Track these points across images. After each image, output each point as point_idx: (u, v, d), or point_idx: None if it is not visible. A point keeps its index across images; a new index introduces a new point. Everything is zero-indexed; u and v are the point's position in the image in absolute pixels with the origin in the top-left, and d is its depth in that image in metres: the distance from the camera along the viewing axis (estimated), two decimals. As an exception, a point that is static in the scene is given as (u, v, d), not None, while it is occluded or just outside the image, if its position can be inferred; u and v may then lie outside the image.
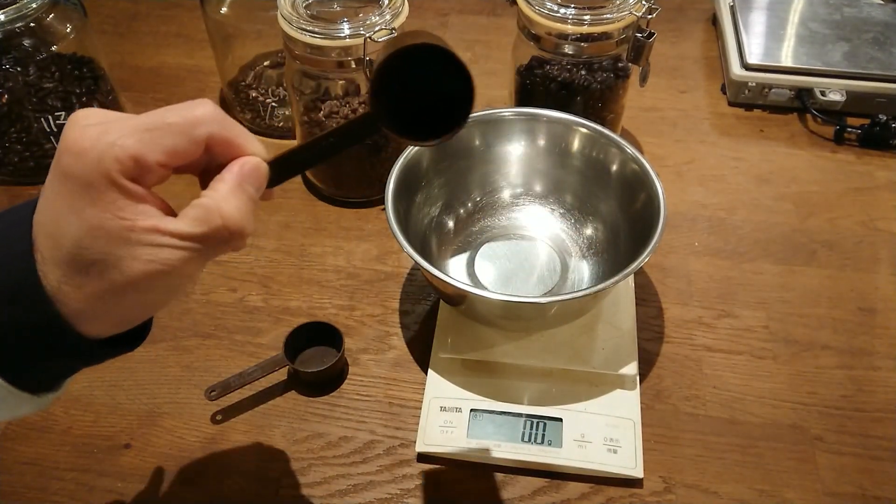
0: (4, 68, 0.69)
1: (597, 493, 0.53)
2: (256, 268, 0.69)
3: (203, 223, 0.31)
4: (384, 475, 0.54)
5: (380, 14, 0.63)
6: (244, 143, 0.33)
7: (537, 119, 0.64)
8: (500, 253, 0.65)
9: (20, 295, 0.31)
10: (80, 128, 0.30)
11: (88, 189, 0.29)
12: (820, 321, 0.64)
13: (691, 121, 0.84)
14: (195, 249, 0.31)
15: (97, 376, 0.60)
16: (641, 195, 0.58)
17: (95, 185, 0.29)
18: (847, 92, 0.81)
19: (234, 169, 0.33)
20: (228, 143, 0.33)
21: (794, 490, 0.53)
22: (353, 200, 0.75)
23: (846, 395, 0.58)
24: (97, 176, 0.29)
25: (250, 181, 0.33)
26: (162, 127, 0.31)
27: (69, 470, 0.55)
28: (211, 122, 0.32)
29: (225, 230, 0.31)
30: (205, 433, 0.57)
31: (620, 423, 0.55)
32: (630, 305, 0.62)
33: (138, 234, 0.30)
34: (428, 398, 0.57)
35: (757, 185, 0.77)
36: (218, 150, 0.33)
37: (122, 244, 0.30)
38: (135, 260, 0.30)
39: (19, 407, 0.34)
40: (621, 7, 0.66)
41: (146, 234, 0.30)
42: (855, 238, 0.71)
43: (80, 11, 0.75)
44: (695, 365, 0.61)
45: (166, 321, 0.64)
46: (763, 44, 0.86)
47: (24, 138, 0.74)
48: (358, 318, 0.64)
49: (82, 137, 0.29)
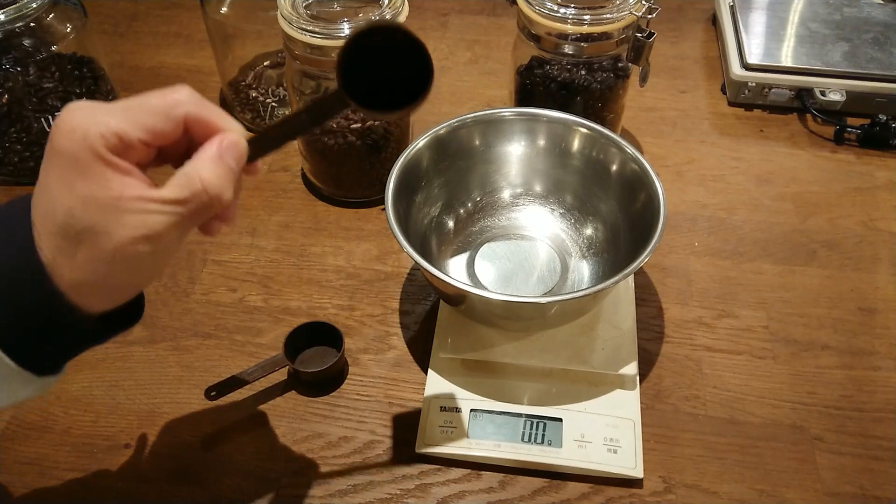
0: (4, 68, 0.69)
1: (597, 494, 0.53)
2: (256, 268, 0.69)
3: (184, 188, 0.34)
4: (384, 475, 0.54)
5: (380, 14, 0.63)
6: (221, 123, 0.36)
7: (537, 119, 0.64)
8: (500, 253, 0.65)
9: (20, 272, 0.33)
10: (69, 111, 0.33)
11: (77, 163, 0.32)
12: (820, 321, 0.64)
13: (691, 121, 0.85)
14: (178, 213, 0.34)
15: (97, 376, 0.60)
16: (641, 195, 0.58)
17: (84, 160, 0.32)
18: (847, 92, 0.81)
19: (214, 142, 0.35)
20: (206, 122, 0.35)
21: (794, 490, 0.53)
22: (353, 200, 0.75)
23: (846, 395, 0.58)
24: (85, 151, 0.32)
25: (230, 153, 0.35)
26: (143, 107, 0.34)
27: (69, 470, 0.55)
28: (187, 104, 0.35)
29: (204, 194, 0.34)
30: (205, 433, 0.57)
31: (620, 423, 0.55)
32: (630, 305, 0.62)
33: (125, 203, 0.32)
34: (428, 398, 0.57)
35: (757, 185, 0.77)
36: (196, 130, 0.35)
37: (110, 212, 0.32)
38: (123, 227, 0.33)
39: (23, 388, 0.36)
40: (621, 7, 0.66)
41: (133, 203, 0.33)
42: (855, 238, 0.71)
43: (80, 11, 0.75)
44: (695, 365, 0.61)
45: (166, 321, 0.64)
46: (763, 44, 0.86)
47: (24, 138, 0.74)
48: (358, 318, 0.64)
49: (71, 118, 0.33)
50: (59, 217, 0.33)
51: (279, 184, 0.77)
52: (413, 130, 0.75)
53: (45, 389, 0.38)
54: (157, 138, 0.34)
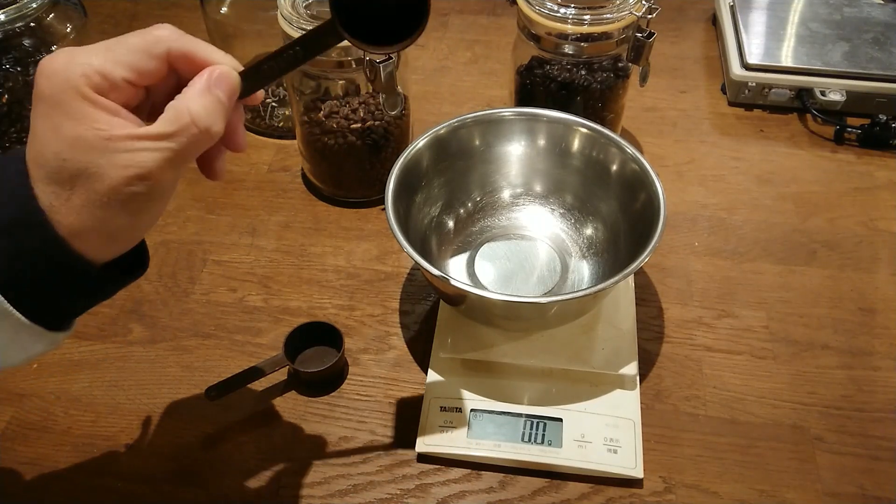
0: (4, 68, 0.69)
1: (597, 494, 0.53)
2: (256, 268, 0.69)
3: (173, 122, 0.33)
4: (384, 475, 0.54)
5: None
6: (208, 55, 0.35)
7: (537, 119, 0.64)
8: (500, 253, 0.65)
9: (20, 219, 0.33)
10: (50, 57, 0.33)
11: (62, 106, 0.32)
12: (820, 321, 0.64)
13: (691, 121, 0.85)
14: (169, 149, 0.33)
15: (97, 376, 0.60)
16: (641, 195, 0.58)
17: (67, 102, 0.32)
18: (847, 92, 0.81)
19: (203, 75, 0.35)
20: (192, 57, 0.35)
21: (794, 490, 0.53)
22: (353, 200, 0.75)
23: (846, 395, 0.58)
24: (68, 93, 0.32)
25: (219, 86, 0.35)
26: (124, 46, 0.34)
27: (69, 470, 0.55)
28: (169, 39, 0.34)
29: (193, 126, 0.33)
30: (205, 433, 0.57)
31: (620, 423, 0.55)
32: (630, 305, 0.62)
33: (115, 143, 0.32)
34: (428, 398, 0.57)
35: (757, 185, 0.77)
36: (183, 66, 0.35)
37: (100, 153, 0.32)
38: (114, 167, 0.32)
39: (33, 345, 0.36)
40: (621, 7, 0.66)
41: (122, 142, 0.32)
42: (855, 238, 0.71)
43: (80, 11, 0.75)
44: (695, 365, 0.61)
45: (166, 321, 0.64)
46: (763, 44, 0.86)
47: (24, 138, 0.74)
48: (358, 318, 0.64)
49: (52, 62, 0.32)
50: (51, 162, 0.32)
51: (279, 184, 0.77)
52: (413, 130, 0.75)
53: (56, 345, 0.38)
54: (141, 77, 0.34)
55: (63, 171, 0.32)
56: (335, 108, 0.68)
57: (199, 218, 0.73)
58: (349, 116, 0.68)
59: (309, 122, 0.69)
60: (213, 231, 0.72)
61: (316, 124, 0.69)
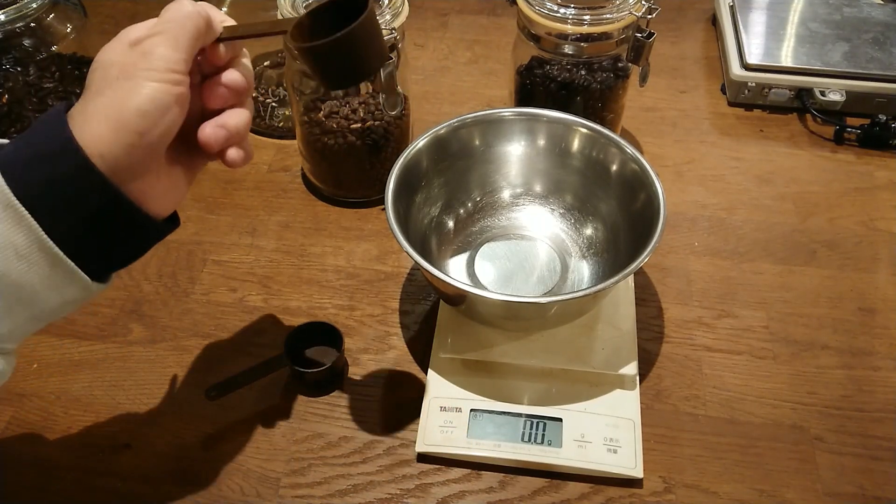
0: (4, 68, 0.69)
1: (597, 494, 0.53)
2: (256, 268, 0.69)
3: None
4: (384, 475, 0.54)
5: (380, 14, 0.63)
6: None
7: (537, 119, 0.64)
8: (500, 253, 0.65)
9: (53, 145, 0.36)
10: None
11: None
12: (820, 321, 0.64)
13: (691, 121, 0.85)
14: (166, 30, 0.38)
15: (97, 376, 0.60)
16: (641, 195, 0.58)
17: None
18: (847, 92, 0.81)
19: None
20: None
21: (794, 490, 0.53)
22: (353, 200, 0.75)
23: (846, 395, 0.58)
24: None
25: None
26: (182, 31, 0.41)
27: (69, 470, 0.55)
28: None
29: None
30: (205, 433, 0.57)
31: (620, 423, 0.55)
32: (630, 305, 0.62)
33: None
34: (428, 398, 0.57)
35: (757, 185, 0.77)
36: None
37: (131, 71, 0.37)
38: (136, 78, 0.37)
39: (66, 286, 0.38)
40: (621, 7, 0.66)
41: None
42: (855, 238, 0.71)
43: (80, 11, 0.75)
44: (695, 365, 0.61)
45: (166, 321, 0.64)
46: (763, 44, 0.86)
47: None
48: (358, 318, 0.64)
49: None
50: (95, 77, 0.38)
51: (279, 184, 0.77)
52: (413, 130, 0.75)
53: (90, 295, 0.40)
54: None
55: (104, 80, 0.37)
56: (335, 108, 0.68)
57: (199, 218, 0.73)
58: (349, 116, 0.68)
59: (309, 122, 0.69)
60: (213, 231, 0.72)
61: (316, 124, 0.69)
